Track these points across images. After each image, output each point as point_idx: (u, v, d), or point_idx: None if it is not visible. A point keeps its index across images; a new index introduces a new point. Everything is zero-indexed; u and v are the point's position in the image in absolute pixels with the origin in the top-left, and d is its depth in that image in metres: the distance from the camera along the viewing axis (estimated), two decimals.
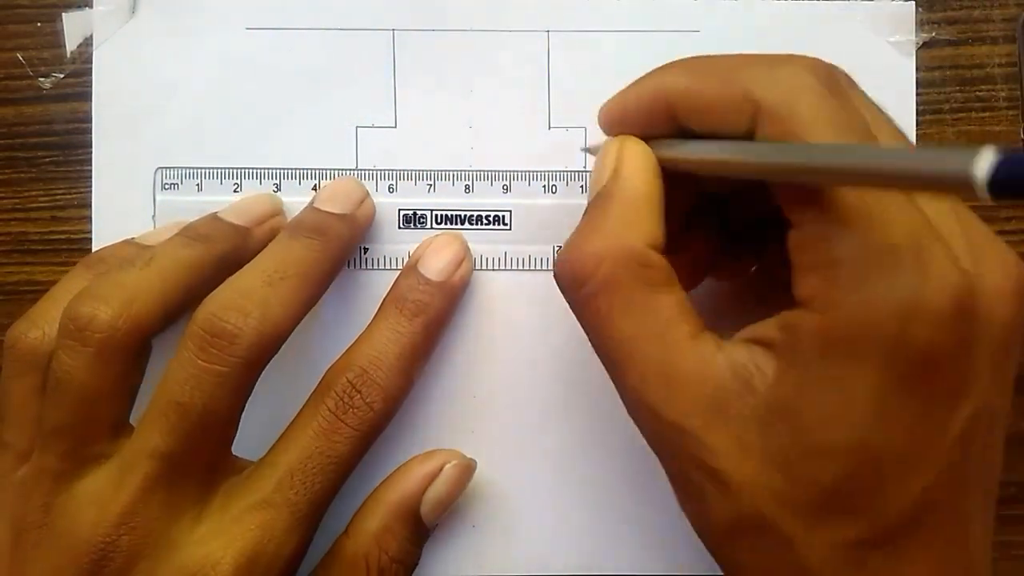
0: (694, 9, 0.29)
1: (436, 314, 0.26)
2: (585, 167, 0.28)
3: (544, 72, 0.28)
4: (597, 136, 0.28)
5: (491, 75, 0.28)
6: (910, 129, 0.29)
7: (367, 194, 0.27)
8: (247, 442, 0.24)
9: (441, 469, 0.26)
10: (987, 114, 0.29)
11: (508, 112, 0.28)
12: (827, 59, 0.28)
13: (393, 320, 0.26)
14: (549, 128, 0.29)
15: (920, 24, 0.29)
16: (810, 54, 0.28)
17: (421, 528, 0.26)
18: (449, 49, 0.28)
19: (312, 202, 0.27)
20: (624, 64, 0.29)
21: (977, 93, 0.29)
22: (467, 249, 0.28)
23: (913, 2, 0.29)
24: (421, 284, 0.26)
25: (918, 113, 0.29)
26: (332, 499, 0.24)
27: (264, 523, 0.23)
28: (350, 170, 0.28)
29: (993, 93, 0.29)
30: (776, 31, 0.29)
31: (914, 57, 0.29)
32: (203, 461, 0.23)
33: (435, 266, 0.27)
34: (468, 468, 0.27)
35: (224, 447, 0.24)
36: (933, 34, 0.29)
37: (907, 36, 0.29)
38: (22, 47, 0.29)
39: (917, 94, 0.29)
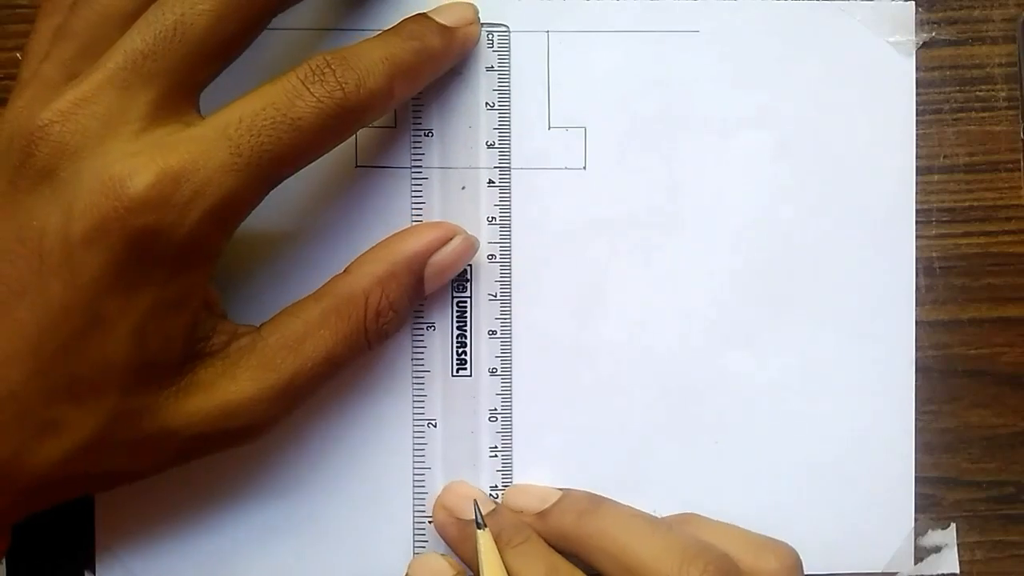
0: (694, 9, 0.29)
1: (432, 49, 0.26)
2: (585, 166, 0.29)
3: (544, 72, 0.28)
4: (598, 136, 0.28)
5: (491, 75, 0.28)
6: (910, 129, 0.29)
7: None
8: None
9: (452, 238, 0.27)
10: (987, 114, 0.29)
11: (508, 112, 0.28)
12: (827, 59, 0.29)
13: (386, 36, 0.26)
14: (549, 128, 0.29)
15: (920, 24, 0.29)
16: (810, 54, 0.28)
17: (420, 289, 0.27)
18: None
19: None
20: (624, 64, 0.29)
21: (977, 93, 0.29)
22: (477, 16, 0.28)
23: (913, 2, 0.29)
24: (424, 21, 0.26)
25: (918, 113, 0.29)
26: (284, 169, 0.24)
27: (198, 152, 0.22)
28: (348, 169, 0.28)
29: (993, 93, 0.29)
30: (776, 31, 0.29)
31: (914, 57, 0.29)
32: (169, 76, 0.23)
33: (446, 14, 0.27)
34: (474, 244, 0.28)
35: (190, 85, 0.24)
36: (933, 34, 0.29)
37: (907, 36, 0.29)
38: (22, 47, 0.29)
39: (917, 94, 0.29)
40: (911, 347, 0.29)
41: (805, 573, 0.27)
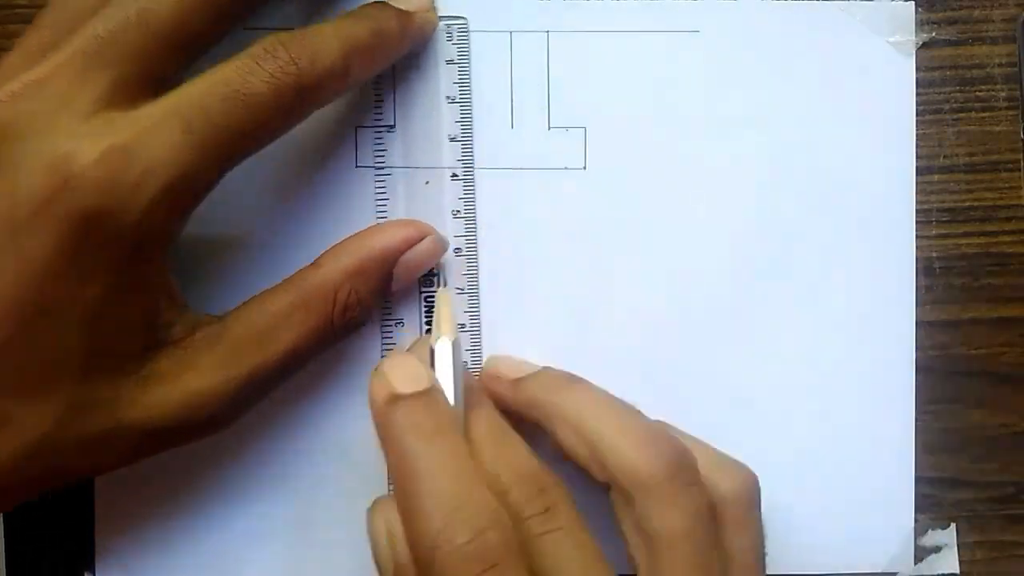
0: (694, 9, 0.29)
1: (388, 31, 0.26)
2: (585, 166, 0.28)
3: (544, 72, 0.28)
4: (598, 136, 0.28)
5: (491, 75, 0.28)
6: (910, 129, 0.29)
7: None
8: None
9: (424, 238, 0.27)
10: (987, 114, 0.29)
11: (508, 112, 0.28)
12: (827, 59, 0.28)
13: (342, 18, 0.25)
14: (549, 128, 0.29)
15: (920, 24, 0.29)
16: (810, 54, 0.28)
17: (389, 286, 0.27)
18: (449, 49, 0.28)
19: None
20: (624, 64, 0.29)
21: (977, 93, 0.29)
22: (434, 5, 0.28)
23: (913, 2, 0.29)
24: (381, 6, 0.26)
25: (918, 113, 0.29)
26: (238, 148, 0.23)
27: (146, 129, 0.22)
28: (348, 169, 0.28)
29: (993, 93, 0.29)
30: (776, 31, 0.29)
31: (914, 57, 0.29)
32: (127, 63, 0.23)
33: (403, 1, 0.27)
34: (444, 245, 0.28)
35: (148, 73, 0.23)
36: (933, 34, 0.29)
37: (907, 36, 0.29)
38: None
39: (917, 94, 0.29)
40: (911, 347, 0.29)
41: (805, 573, 0.27)
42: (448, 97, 0.28)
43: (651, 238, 0.29)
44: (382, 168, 0.28)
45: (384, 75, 0.28)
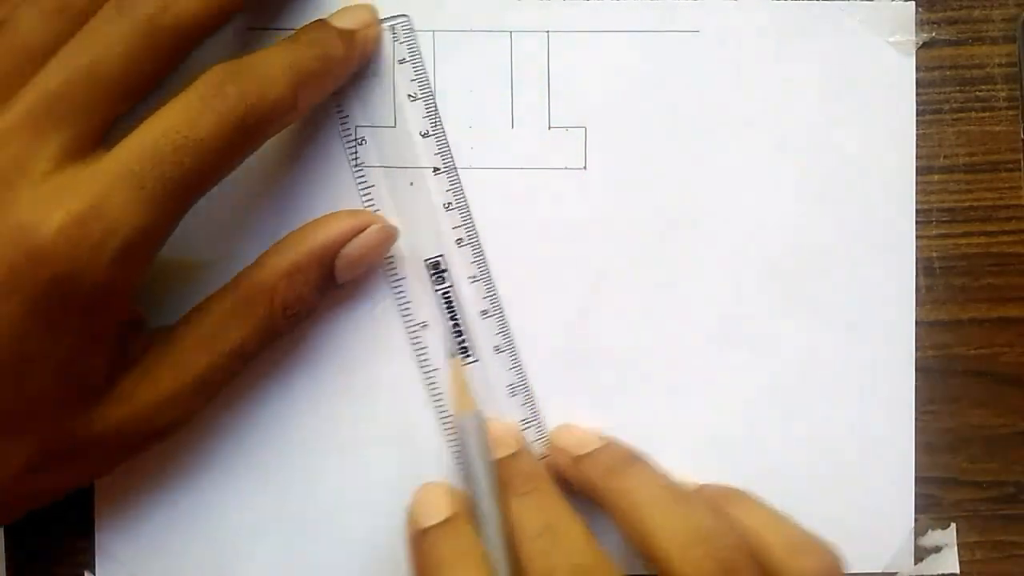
0: (694, 9, 0.29)
1: (335, 56, 0.26)
2: (585, 166, 0.29)
3: (544, 72, 0.28)
4: (598, 136, 0.28)
5: (491, 75, 0.29)
6: (910, 129, 0.29)
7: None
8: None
9: (367, 228, 0.26)
10: (987, 114, 0.29)
11: (508, 112, 0.28)
12: (827, 59, 0.29)
13: (288, 44, 0.25)
14: (549, 128, 0.29)
15: (920, 24, 0.29)
16: (810, 54, 0.29)
17: (331, 280, 0.26)
18: (449, 49, 0.28)
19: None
20: (624, 64, 0.29)
21: (977, 93, 0.29)
22: (376, 16, 0.27)
23: (913, 2, 0.29)
24: (325, 28, 0.26)
25: (918, 113, 0.29)
26: (192, 194, 0.24)
27: (103, 191, 0.22)
28: (346, 169, 0.28)
29: (993, 93, 0.29)
30: (776, 31, 0.29)
31: (914, 57, 0.29)
32: (81, 117, 0.23)
33: (345, 17, 0.27)
34: (391, 235, 0.27)
35: (101, 124, 0.23)
36: (933, 34, 0.29)
37: (907, 36, 0.29)
38: None
39: (917, 94, 0.29)
40: (911, 347, 0.29)
41: None
42: (409, 96, 0.28)
43: (651, 238, 0.29)
44: (363, 178, 0.28)
45: (343, 87, 0.28)
